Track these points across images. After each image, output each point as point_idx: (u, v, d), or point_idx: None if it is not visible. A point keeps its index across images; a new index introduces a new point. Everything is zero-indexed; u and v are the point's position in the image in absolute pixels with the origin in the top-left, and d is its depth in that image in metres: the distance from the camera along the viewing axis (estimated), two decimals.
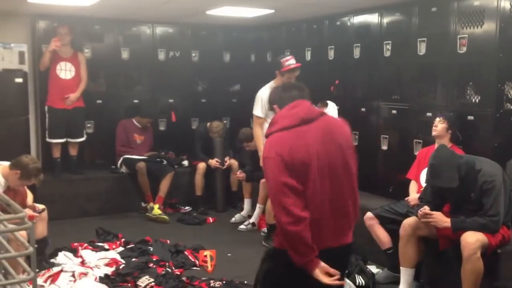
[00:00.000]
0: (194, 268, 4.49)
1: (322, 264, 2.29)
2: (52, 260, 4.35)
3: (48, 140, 5.99)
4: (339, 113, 5.29)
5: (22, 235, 3.10)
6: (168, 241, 4.95)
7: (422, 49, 4.58)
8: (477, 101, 4.14)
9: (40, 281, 3.85)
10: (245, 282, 4.06)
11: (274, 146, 2.35)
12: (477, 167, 3.51)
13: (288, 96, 2.52)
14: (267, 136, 2.45)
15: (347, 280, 3.91)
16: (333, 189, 2.35)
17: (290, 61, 4.62)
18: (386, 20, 4.99)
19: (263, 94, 4.63)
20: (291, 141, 2.33)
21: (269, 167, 2.32)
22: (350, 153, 2.42)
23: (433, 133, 4.15)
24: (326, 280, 2.26)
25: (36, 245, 2.86)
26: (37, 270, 2.96)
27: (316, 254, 2.28)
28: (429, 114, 4.48)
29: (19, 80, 5.74)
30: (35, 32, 6.14)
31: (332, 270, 2.29)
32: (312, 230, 2.28)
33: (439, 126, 4.11)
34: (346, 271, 2.92)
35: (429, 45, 4.53)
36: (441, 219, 3.55)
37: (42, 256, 4.22)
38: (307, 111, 2.44)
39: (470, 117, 4.16)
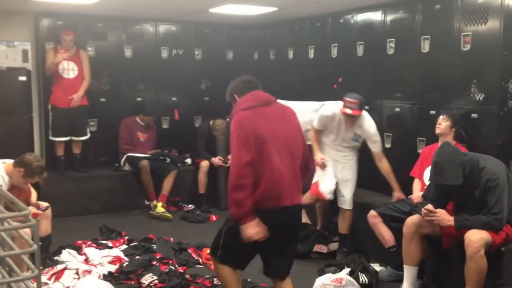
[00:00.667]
0: (198, 266, 4.50)
1: (257, 221, 2.86)
2: (56, 258, 4.36)
3: (51, 138, 6.01)
4: None
5: (26, 232, 3.11)
6: (172, 239, 4.96)
7: (425, 47, 4.57)
8: (481, 98, 4.13)
9: (44, 278, 3.86)
10: (249, 280, 4.06)
11: (241, 121, 2.89)
12: (481, 165, 3.50)
13: (248, 87, 3.10)
14: (233, 115, 2.96)
15: (350, 278, 3.91)
16: (288, 159, 2.91)
17: (347, 108, 4.40)
18: (389, 17, 4.98)
19: (326, 111, 4.62)
20: (253, 118, 2.90)
21: (236, 138, 2.85)
22: (299, 131, 3.05)
23: (437, 131, 4.14)
24: (251, 235, 2.85)
25: (40, 243, 2.88)
26: (41, 267, 2.97)
27: (247, 213, 2.83)
28: (432, 112, 4.47)
29: (22, 78, 5.75)
30: (39, 30, 6.14)
31: (262, 227, 2.87)
32: (271, 192, 2.85)
33: (442, 124, 4.10)
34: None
35: (433, 42, 4.51)
36: (445, 217, 3.54)
37: (46, 254, 4.23)
38: (266, 96, 3.08)
39: (474, 115, 4.14)
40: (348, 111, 4.39)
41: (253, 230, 2.85)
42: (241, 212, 2.83)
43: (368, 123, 4.54)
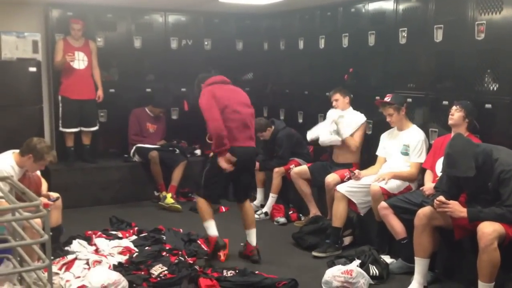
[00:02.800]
0: (207, 257, 4.49)
1: (228, 155, 4.15)
2: (66, 248, 4.38)
3: (61, 129, 6.02)
4: (355, 101, 5.26)
5: (37, 223, 3.12)
6: (181, 230, 4.95)
7: (438, 36, 4.49)
8: (495, 89, 4.06)
9: (54, 268, 3.88)
10: (257, 272, 4.05)
11: (208, 92, 4.24)
12: (494, 156, 3.45)
13: (209, 76, 4.47)
14: (201, 90, 4.31)
15: (361, 270, 3.89)
16: (241, 117, 4.25)
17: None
18: (402, 6, 4.91)
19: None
20: (216, 90, 4.27)
21: (206, 103, 4.17)
22: (247, 100, 4.44)
23: (450, 122, 4.08)
24: (224, 165, 4.17)
25: (51, 233, 2.88)
26: (52, 257, 2.97)
27: (227, 148, 4.14)
28: (445, 102, 4.40)
29: (33, 69, 5.76)
30: (49, 21, 6.15)
31: (232, 159, 4.17)
32: (230, 136, 4.15)
33: (455, 114, 4.04)
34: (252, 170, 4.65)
35: (446, 32, 4.44)
36: (458, 209, 3.49)
37: (57, 244, 4.25)
38: (223, 78, 4.46)
39: (488, 106, 4.07)
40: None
41: (226, 161, 4.16)
42: (223, 149, 4.13)
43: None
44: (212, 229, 4.33)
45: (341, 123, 5.03)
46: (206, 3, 6.10)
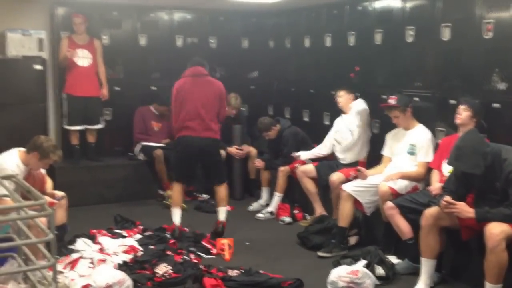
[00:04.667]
0: (212, 256, 4.48)
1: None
2: (70, 247, 4.37)
3: (66, 127, 6.02)
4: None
5: (42, 221, 3.11)
6: (187, 230, 4.93)
7: (446, 34, 4.45)
8: (503, 88, 4.02)
9: (59, 267, 3.86)
10: (262, 271, 4.03)
11: (175, 86, 4.79)
12: (503, 156, 3.42)
13: (191, 64, 4.87)
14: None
15: (367, 271, 3.86)
16: (199, 108, 4.66)
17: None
18: (409, 4, 4.87)
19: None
20: (182, 83, 4.77)
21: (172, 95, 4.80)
22: (214, 94, 4.75)
23: (457, 121, 4.05)
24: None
25: (56, 232, 2.87)
26: (56, 256, 2.96)
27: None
28: (452, 101, 4.36)
29: (38, 67, 5.77)
30: (54, 19, 6.14)
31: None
32: (183, 127, 4.70)
33: (463, 114, 4.00)
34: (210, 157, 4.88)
35: (454, 30, 4.40)
36: (465, 209, 3.46)
37: (61, 243, 4.24)
38: (197, 70, 4.80)
39: (496, 105, 4.04)
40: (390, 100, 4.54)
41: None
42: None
43: None
44: (175, 217, 4.83)
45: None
46: (212, 1, 6.08)
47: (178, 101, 4.72)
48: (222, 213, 4.87)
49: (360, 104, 5.09)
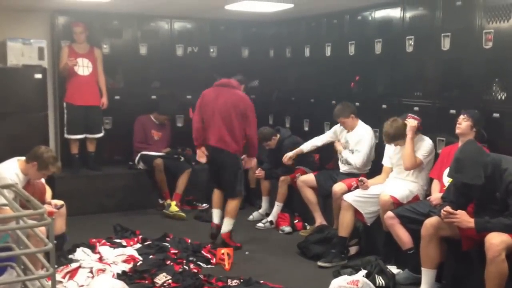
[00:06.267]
0: (211, 266, 4.46)
1: (202, 148, 4.86)
2: (70, 256, 4.35)
3: (66, 136, 6.01)
4: (361, 109, 5.23)
5: (41, 231, 3.10)
6: (189, 240, 4.90)
7: (446, 44, 4.47)
8: (503, 98, 4.03)
9: (58, 277, 3.86)
10: (261, 281, 4.02)
11: (204, 91, 4.97)
12: (503, 166, 3.41)
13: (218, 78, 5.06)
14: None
15: (367, 281, 3.84)
16: (220, 118, 4.74)
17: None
18: (408, 14, 4.89)
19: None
20: (208, 91, 4.93)
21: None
22: (233, 106, 4.75)
23: (457, 131, 4.05)
24: (199, 158, 4.97)
25: (55, 241, 2.85)
26: (55, 266, 2.95)
27: (197, 144, 4.90)
28: (452, 111, 4.37)
29: (38, 76, 5.75)
30: (55, 28, 6.16)
31: (205, 153, 4.88)
32: (206, 135, 4.83)
33: (463, 123, 4.00)
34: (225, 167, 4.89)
35: (454, 40, 4.41)
36: (465, 219, 3.45)
37: (61, 252, 4.23)
38: (225, 82, 4.91)
39: (496, 115, 4.04)
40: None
41: (199, 154, 4.92)
42: (195, 144, 4.91)
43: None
44: (213, 217, 5.01)
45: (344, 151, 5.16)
46: (212, 10, 6.09)
47: (198, 107, 4.87)
48: (225, 224, 4.89)
49: (368, 132, 5.08)
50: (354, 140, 5.08)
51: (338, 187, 4.88)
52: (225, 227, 4.88)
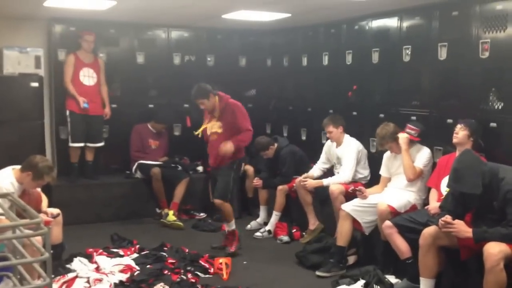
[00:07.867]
0: (209, 275, 4.44)
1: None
2: (67, 266, 4.33)
3: (71, 145, 5.98)
4: (359, 118, 5.24)
5: (37, 240, 3.08)
6: (187, 250, 4.88)
7: (443, 54, 4.49)
8: (500, 107, 4.04)
9: (55, 286, 3.83)
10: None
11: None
12: (500, 175, 3.42)
13: (214, 88, 5.00)
14: (227, 102, 5.07)
15: None
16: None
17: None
18: (405, 24, 4.91)
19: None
20: None
21: None
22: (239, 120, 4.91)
23: (454, 141, 4.05)
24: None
25: (51, 251, 2.83)
26: (52, 275, 2.92)
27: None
28: (449, 120, 4.38)
29: (35, 84, 5.75)
30: (51, 36, 6.15)
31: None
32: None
33: (460, 133, 4.01)
34: None
35: (450, 50, 4.43)
36: (463, 229, 3.45)
37: (58, 262, 4.20)
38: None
39: (493, 124, 4.05)
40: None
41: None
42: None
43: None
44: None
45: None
46: (210, 19, 6.11)
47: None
48: (228, 226, 5.03)
49: (353, 143, 5.12)
50: (345, 153, 5.13)
51: (335, 187, 4.89)
52: (229, 227, 5.05)
